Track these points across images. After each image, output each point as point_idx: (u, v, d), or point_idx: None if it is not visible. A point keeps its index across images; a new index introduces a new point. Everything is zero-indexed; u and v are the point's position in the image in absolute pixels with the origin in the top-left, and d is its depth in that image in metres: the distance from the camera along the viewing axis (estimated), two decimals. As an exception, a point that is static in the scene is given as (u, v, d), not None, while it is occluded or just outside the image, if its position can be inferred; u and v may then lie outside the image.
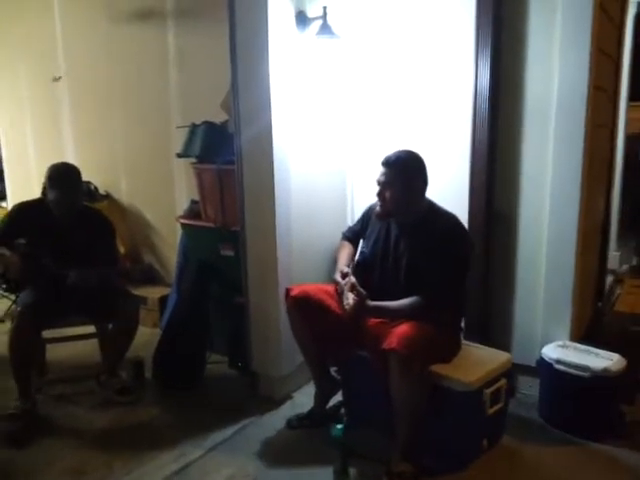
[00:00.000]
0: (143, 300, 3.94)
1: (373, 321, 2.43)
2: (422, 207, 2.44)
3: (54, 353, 3.16)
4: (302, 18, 2.77)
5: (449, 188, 2.88)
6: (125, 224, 4.42)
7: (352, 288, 2.31)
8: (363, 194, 3.04)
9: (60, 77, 4.37)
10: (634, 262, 4.10)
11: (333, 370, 2.81)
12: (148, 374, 3.05)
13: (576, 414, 2.60)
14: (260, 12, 2.59)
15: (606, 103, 3.40)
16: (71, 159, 4.49)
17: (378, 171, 2.42)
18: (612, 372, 2.51)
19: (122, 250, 4.24)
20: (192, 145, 3.23)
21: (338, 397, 2.77)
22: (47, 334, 2.94)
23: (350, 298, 2.30)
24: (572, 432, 2.58)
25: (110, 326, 2.97)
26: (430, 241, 2.36)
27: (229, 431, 2.67)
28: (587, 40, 2.60)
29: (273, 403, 2.89)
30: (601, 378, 2.51)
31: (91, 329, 3.04)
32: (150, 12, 3.91)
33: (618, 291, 3.78)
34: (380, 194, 2.42)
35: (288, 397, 2.95)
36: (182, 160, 3.51)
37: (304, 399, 2.87)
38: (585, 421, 2.58)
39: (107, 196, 4.47)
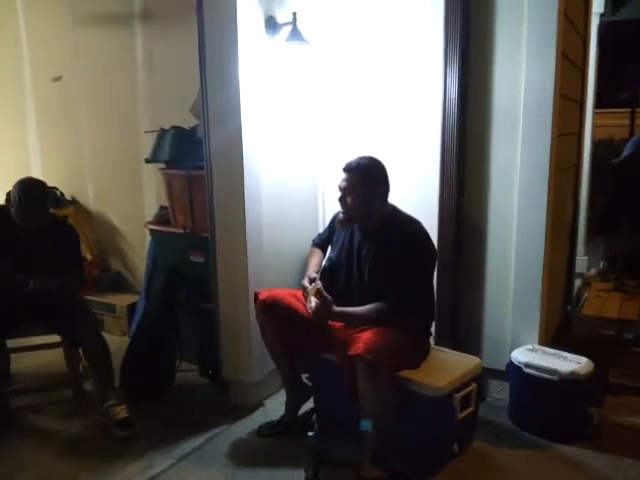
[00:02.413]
0: (111, 308, 3.90)
1: (340, 326, 2.43)
2: (384, 212, 2.44)
3: (19, 363, 3.08)
4: (272, 24, 2.77)
5: (419, 194, 2.90)
6: (92, 231, 4.35)
7: (317, 293, 2.30)
8: (334, 199, 3.02)
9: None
10: (601, 266, 4.17)
11: (304, 377, 2.79)
12: (116, 383, 2.99)
13: (545, 417, 2.62)
14: (229, 17, 2.58)
15: (573, 110, 3.46)
16: (37, 164, 4.44)
17: (340, 177, 2.43)
18: (580, 375, 2.54)
19: (89, 257, 4.19)
20: (161, 150, 3.19)
21: (310, 404, 2.75)
22: (11, 344, 2.87)
23: (313, 302, 2.29)
24: (542, 435, 2.60)
25: (80, 351, 2.92)
26: (392, 247, 2.36)
27: (199, 440, 2.63)
28: (553, 48, 2.65)
29: (244, 411, 2.86)
30: (569, 381, 2.54)
31: (56, 338, 2.97)
32: (117, 16, 3.86)
33: (586, 295, 3.84)
34: (342, 199, 2.43)
35: (259, 404, 2.92)
36: (151, 165, 3.46)
37: (275, 406, 2.84)
38: (554, 424, 2.61)
39: (73, 202, 4.38)
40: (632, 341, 3.36)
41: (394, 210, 2.48)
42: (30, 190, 2.83)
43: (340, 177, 2.43)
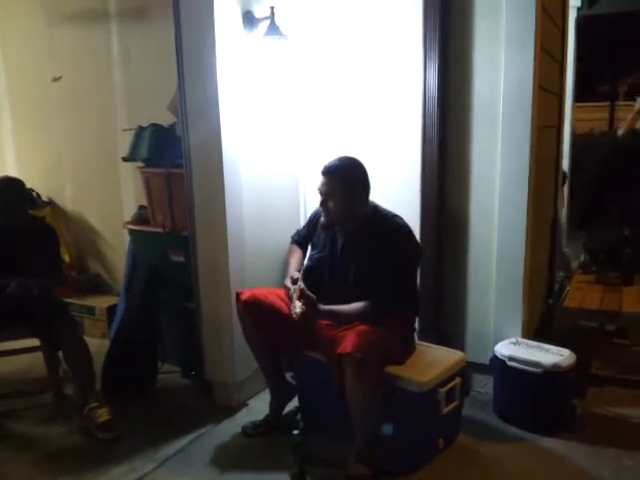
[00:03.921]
0: (91, 310, 3.85)
1: (325, 324, 2.41)
2: (366, 212, 2.42)
3: (-4, 368, 3.04)
4: (250, 18, 2.74)
5: (401, 190, 2.90)
6: (70, 232, 4.28)
7: (301, 295, 2.25)
8: (315, 197, 3.01)
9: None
10: (582, 258, 4.21)
11: (288, 375, 2.77)
12: (97, 386, 2.94)
13: (529, 410, 2.63)
14: (206, 12, 2.55)
15: (552, 104, 3.48)
16: (12, 165, 4.36)
17: (319, 180, 2.39)
18: (563, 367, 2.55)
19: (67, 259, 4.12)
20: (139, 148, 3.14)
21: (294, 402, 2.73)
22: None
23: (298, 306, 2.24)
24: (526, 428, 2.61)
25: (60, 355, 2.86)
26: (376, 245, 2.34)
27: (182, 442, 2.60)
28: (531, 41, 2.66)
29: (228, 411, 2.83)
30: (552, 373, 2.55)
31: (35, 342, 2.92)
32: (92, 14, 3.79)
33: (567, 287, 3.86)
34: (323, 204, 2.39)
35: (243, 404, 2.90)
36: (129, 164, 3.41)
37: (260, 406, 2.82)
38: (538, 416, 2.61)
39: (50, 203, 4.31)
40: (614, 333, 3.39)
41: (375, 208, 2.46)
42: (6, 189, 2.80)
43: (319, 180, 2.38)
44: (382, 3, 2.89)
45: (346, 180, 2.35)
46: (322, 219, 2.46)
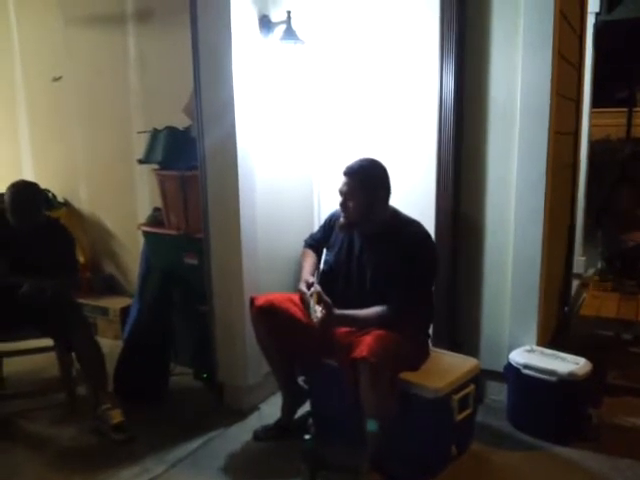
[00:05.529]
0: (104, 311, 3.87)
1: (340, 330, 2.39)
2: (386, 216, 2.41)
3: (11, 367, 3.04)
4: (266, 23, 2.74)
5: (415, 193, 2.88)
6: (84, 233, 4.31)
7: (319, 299, 2.25)
8: (329, 201, 3.01)
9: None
10: (599, 266, 4.16)
11: (301, 380, 2.76)
12: (110, 387, 2.95)
13: (544, 418, 2.60)
14: (223, 16, 2.56)
15: (569, 109, 3.44)
16: (28, 165, 4.40)
17: (340, 180, 2.39)
18: (578, 376, 2.52)
19: (82, 260, 4.14)
20: (154, 151, 3.15)
21: (306, 407, 2.72)
22: (2, 347, 2.84)
23: (318, 311, 2.24)
24: (540, 436, 2.58)
25: (73, 355, 2.88)
26: (395, 250, 2.33)
27: (194, 445, 2.60)
28: (549, 47, 2.63)
29: (239, 415, 2.83)
30: (568, 382, 2.52)
31: (48, 342, 2.92)
32: (109, 16, 3.83)
33: (584, 295, 3.82)
34: (343, 204, 2.39)
35: (255, 408, 2.89)
36: (144, 166, 3.43)
37: (271, 410, 2.81)
38: (553, 425, 2.59)
39: (65, 204, 4.34)
40: (630, 342, 3.35)
41: (395, 213, 2.45)
42: (22, 193, 2.84)
43: (341, 180, 2.38)
44: (399, 7, 2.88)
45: (367, 180, 2.35)
46: (341, 219, 2.45)
